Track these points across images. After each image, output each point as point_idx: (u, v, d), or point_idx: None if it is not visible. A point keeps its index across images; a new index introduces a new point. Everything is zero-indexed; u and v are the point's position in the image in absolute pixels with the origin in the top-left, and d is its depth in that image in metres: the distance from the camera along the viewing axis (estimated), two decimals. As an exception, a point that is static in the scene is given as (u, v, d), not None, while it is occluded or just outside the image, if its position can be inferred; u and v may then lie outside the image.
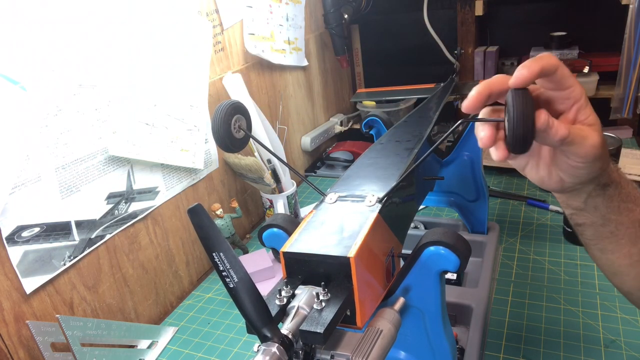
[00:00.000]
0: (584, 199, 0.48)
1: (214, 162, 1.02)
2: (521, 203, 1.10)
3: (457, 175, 0.89)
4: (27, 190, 0.67)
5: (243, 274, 0.40)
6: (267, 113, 1.20)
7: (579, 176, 0.45)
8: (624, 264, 0.50)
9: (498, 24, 1.51)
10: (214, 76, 1.01)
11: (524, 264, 0.90)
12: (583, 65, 1.33)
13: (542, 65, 0.40)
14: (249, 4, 1.09)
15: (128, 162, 0.82)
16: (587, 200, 0.48)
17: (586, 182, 0.46)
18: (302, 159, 1.42)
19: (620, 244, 0.49)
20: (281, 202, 1.07)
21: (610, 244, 0.50)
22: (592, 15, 1.38)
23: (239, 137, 0.57)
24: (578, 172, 0.44)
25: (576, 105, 0.43)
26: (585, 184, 0.47)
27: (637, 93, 1.22)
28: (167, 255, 0.93)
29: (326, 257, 0.44)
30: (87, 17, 0.72)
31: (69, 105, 0.71)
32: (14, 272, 0.66)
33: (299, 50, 1.30)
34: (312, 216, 0.51)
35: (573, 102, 0.43)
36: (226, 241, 0.40)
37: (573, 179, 0.46)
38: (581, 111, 0.44)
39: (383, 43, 1.63)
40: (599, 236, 0.50)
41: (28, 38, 0.65)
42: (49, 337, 0.69)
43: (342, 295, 0.43)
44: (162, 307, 0.93)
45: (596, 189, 0.47)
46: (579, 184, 0.47)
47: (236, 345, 0.82)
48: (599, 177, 0.46)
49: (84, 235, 0.76)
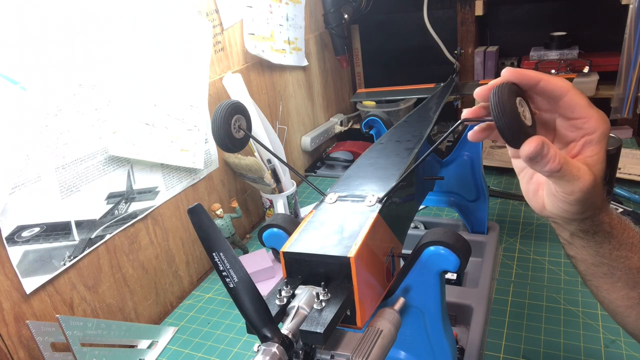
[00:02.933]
0: (568, 235, 0.45)
1: (214, 162, 1.02)
2: (521, 203, 1.10)
3: (457, 175, 0.89)
4: (27, 190, 0.67)
5: (243, 274, 0.40)
6: (267, 113, 1.20)
7: (558, 209, 0.42)
8: (622, 305, 0.46)
9: (498, 24, 1.51)
10: (214, 76, 1.01)
11: (524, 264, 0.90)
12: (583, 65, 1.33)
13: (526, 73, 0.40)
14: (249, 4, 1.09)
15: (128, 162, 0.82)
16: (573, 238, 0.45)
17: (567, 219, 0.43)
18: (302, 159, 1.42)
19: (616, 286, 0.45)
20: (281, 202, 1.07)
21: (605, 284, 0.46)
22: (592, 15, 1.38)
23: (239, 137, 0.57)
24: (558, 204, 0.42)
25: (585, 139, 0.41)
26: (566, 221, 0.44)
27: (637, 93, 1.22)
28: (167, 255, 0.93)
29: (326, 257, 0.44)
30: (87, 17, 0.72)
31: (69, 105, 0.71)
32: (14, 272, 0.66)
33: (299, 50, 1.30)
34: (312, 216, 0.51)
35: (583, 134, 0.41)
36: (226, 241, 0.40)
37: (552, 209, 0.43)
38: (589, 146, 0.41)
39: (383, 43, 1.63)
40: (592, 274, 0.47)
41: (28, 38, 0.65)
42: (49, 337, 0.69)
43: (342, 295, 0.43)
44: (162, 307, 0.93)
45: (579, 231, 0.44)
46: (558, 218, 0.44)
47: (236, 345, 0.82)
48: (581, 221, 0.43)
49: (84, 235, 0.76)
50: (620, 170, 1.10)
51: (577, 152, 0.42)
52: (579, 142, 0.41)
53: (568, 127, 0.42)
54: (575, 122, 0.41)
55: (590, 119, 0.40)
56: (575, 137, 0.42)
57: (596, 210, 0.42)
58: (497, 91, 0.37)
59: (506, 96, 0.37)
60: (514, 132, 0.37)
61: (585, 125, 0.41)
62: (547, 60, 1.36)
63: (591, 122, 0.40)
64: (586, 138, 0.41)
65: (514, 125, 0.37)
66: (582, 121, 0.41)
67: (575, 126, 0.41)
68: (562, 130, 0.43)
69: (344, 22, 1.43)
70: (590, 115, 0.40)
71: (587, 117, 0.40)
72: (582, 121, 0.41)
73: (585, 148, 0.41)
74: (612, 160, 0.85)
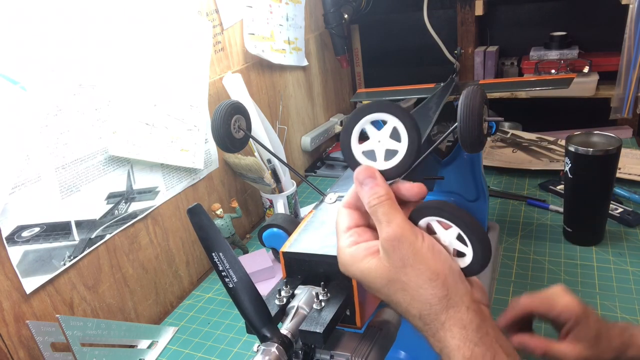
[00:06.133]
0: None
1: (214, 162, 1.02)
2: (521, 203, 1.10)
3: (457, 175, 0.89)
4: (27, 190, 0.67)
5: (242, 274, 0.40)
6: (267, 113, 1.20)
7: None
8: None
9: (498, 24, 1.51)
10: (214, 76, 1.01)
11: (524, 264, 0.90)
12: (583, 65, 1.33)
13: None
14: (249, 4, 1.09)
15: (128, 162, 0.82)
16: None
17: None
18: (302, 159, 1.42)
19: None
20: (281, 202, 1.07)
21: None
22: (592, 15, 1.38)
23: (239, 137, 0.57)
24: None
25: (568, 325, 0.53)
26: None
27: (637, 93, 1.22)
28: (167, 255, 0.93)
29: (326, 257, 0.44)
30: (87, 17, 0.72)
31: (69, 105, 0.71)
32: (14, 272, 0.66)
33: (299, 50, 1.30)
34: (312, 216, 0.51)
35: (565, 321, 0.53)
36: (226, 241, 0.40)
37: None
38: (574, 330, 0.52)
39: (383, 43, 1.63)
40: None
41: (28, 38, 0.65)
42: (49, 337, 0.69)
43: (341, 295, 0.43)
44: (162, 307, 0.93)
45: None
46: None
47: (236, 345, 0.82)
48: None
49: (84, 235, 0.76)
50: (620, 170, 1.10)
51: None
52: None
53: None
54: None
55: (565, 313, 0.54)
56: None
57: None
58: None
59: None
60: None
61: (562, 316, 0.54)
62: (547, 60, 1.36)
63: (566, 315, 0.54)
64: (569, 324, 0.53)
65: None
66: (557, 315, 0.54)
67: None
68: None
69: (344, 22, 1.43)
70: (564, 311, 0.54)
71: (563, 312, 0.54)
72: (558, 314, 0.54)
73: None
74: (612, 160, 0.85)
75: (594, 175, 0.87)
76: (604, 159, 0.85)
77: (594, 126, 1.26)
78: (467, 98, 0.38)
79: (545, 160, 1.23)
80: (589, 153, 0.85)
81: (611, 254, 0.90)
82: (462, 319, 0.35)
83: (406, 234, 0.37)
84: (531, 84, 1.14)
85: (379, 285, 0.38)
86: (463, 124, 0.39)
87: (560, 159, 1.21)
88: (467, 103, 0.38)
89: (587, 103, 1.33)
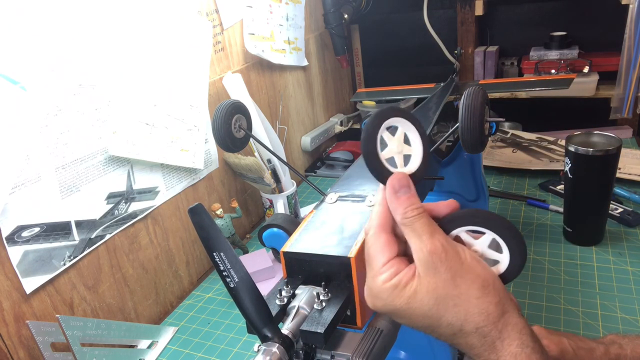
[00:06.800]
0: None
1: (214, 162, 1.02)
2: (521, 203, 1.10)
3: (457, 175, 0.89)
4: (27, 190, 0.67)
5: (244, 273, 0.40)
6: (267, 113, 1.20)
7: None
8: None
9: (498, 24, 1.51)
10: (214, 76, 1.01)
11: (524, 264, 0.90)
12: (583, 65, 1.33)
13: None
14: (249, 4, 1.09)
15: (128, 162, 0.82)
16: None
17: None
18: (302, 159, 1.42)
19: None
20: (281, 202, 1.07)
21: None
22: (592, 15, 1.38)
23: (239, 137, 0.57)
24: None
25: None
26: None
27: (637, 93, 1.22)
28: (167, 255, 0.93)
29: (326, 257, 0.44)
30: (87, 17, 0.72)
31: (69, 105, 0.71)
32: (14, 272, 0.66)
33: (299, 50, 1.30)
34: (313, 216, 0.51)
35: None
36: (227, 241, 0.40)
37: None
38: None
39: (383, 43, 1.63)
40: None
41: (28, 38, 0.65)
42: (49, 337, 0.69)
43: (342, 295, 0.43)
44: (162, 307, 0.93)
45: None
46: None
47: (236, 345, 0.82)
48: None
49: (84, 235, 0.76)
50: (620, 170, 1.10)
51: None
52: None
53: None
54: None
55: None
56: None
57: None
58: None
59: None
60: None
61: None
62: (547, 60, 1.36)
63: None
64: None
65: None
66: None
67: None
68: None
69: (344, 22, 1.43)
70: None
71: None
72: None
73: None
74: (612, 160, 0.85)
75: (594, 175, 0.87)
76: (604, 159, 0.85)
77: (594, 126, 1.26)
78: (469, 98, 0.38)
79: (545, 160, 1.23)
80: (589, 153, 0.85)
81: (611, 254, 0.90)
82: (517, 322, 0.35)
83: (451, 245, 0.36)
84: (531, 84, 1.14)
85: (426, 309, 0.35)
86: (464, 124, 0.39)
87: (560, 159, 1.21)
88: (468, 103, 0.38)
89: (587, 103, 1.33)
